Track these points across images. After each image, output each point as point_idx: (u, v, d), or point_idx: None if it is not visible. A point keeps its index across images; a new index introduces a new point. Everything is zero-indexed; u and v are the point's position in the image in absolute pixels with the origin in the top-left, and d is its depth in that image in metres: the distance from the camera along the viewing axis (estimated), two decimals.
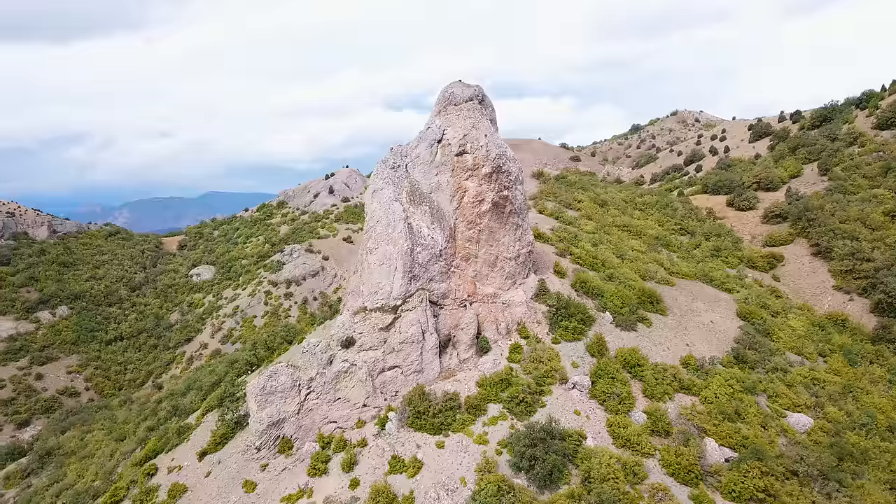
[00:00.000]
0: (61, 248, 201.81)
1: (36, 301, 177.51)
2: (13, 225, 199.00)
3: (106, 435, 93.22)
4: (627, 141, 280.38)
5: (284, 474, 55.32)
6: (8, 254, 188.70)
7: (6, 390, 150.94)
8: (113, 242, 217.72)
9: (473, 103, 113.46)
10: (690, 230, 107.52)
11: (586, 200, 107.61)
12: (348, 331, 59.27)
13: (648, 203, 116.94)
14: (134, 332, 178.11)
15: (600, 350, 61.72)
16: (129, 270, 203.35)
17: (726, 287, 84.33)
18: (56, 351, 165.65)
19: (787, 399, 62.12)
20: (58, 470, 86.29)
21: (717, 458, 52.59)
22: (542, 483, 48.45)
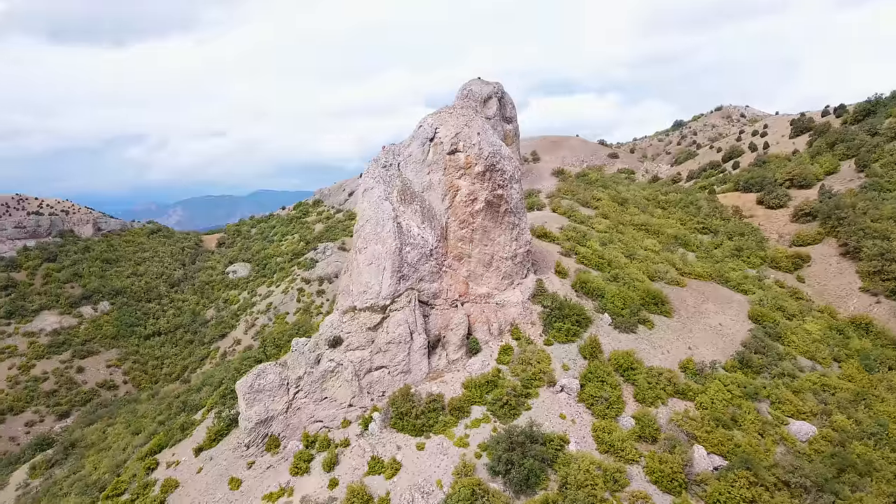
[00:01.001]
0: (105, 245, 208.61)
1: (79, 296, 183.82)
2: (60, 223, 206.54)
3: (125, 428, 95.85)
4: (668, 137, 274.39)
5: (269, 472, 55.71)
6: (55, 251, 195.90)
7: (49, 382, 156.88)
8: (154, 240, 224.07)
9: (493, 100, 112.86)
10: (713, 229, 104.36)
11: (605, 198, 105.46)
12: (336, 330, 59.35)
13: (671, 201, 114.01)
14: (171, 327, 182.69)
15: (593, 352, 60.29)
16: (169, 267, 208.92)
17: (742, 288, 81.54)
18: (97, 345, 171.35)
19: (791, 406, 59.63)
20: (78, 461, 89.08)
21: (706, 466, 50.75)
22: (518, 488, 47.54)
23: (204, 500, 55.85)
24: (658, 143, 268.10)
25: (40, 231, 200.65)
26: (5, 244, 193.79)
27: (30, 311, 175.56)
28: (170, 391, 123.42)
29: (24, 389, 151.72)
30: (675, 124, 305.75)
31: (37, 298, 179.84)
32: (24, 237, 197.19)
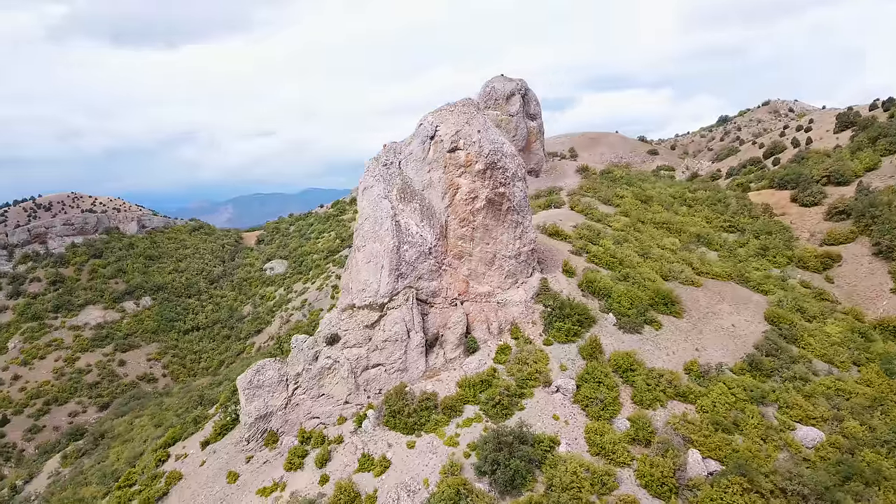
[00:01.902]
0: (148, 242, 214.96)
1: (122, 292, 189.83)
2: (107, 220, 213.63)
3: (149, 420, 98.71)
4: (711, 133, 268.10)
5: (265, 467, 56.66)
6: (101, 247, 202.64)
7: (92, 374, 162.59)
8: (196, 237, 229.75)
9: (516, 97, 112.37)
10: (741, 227, 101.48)
11: (628, 196, 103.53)
12: (334, 328, 59.91)
13: (699, 199, 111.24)
14: (209, 322, 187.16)
15: (593, 353, 59.36)
16: (209, 264, 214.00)
17: (762, 289, 79.09)
18: (138, 339, 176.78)
19: (800, 411, 57.58)
20: (104, 451, 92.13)
21: (699, 471, 49.45)
22: (503, 488, 47.21)
23: (203, 492, 57.17)
24: (700, 140, 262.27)
25: (87, 228, 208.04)
26: (55, 241, 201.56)
27: (76, 306, 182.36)
28: (198, 385, 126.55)
29: (68, 381, 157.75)
30: (719, 120, 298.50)
31: (83, 293, 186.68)
32: (72, 234, 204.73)
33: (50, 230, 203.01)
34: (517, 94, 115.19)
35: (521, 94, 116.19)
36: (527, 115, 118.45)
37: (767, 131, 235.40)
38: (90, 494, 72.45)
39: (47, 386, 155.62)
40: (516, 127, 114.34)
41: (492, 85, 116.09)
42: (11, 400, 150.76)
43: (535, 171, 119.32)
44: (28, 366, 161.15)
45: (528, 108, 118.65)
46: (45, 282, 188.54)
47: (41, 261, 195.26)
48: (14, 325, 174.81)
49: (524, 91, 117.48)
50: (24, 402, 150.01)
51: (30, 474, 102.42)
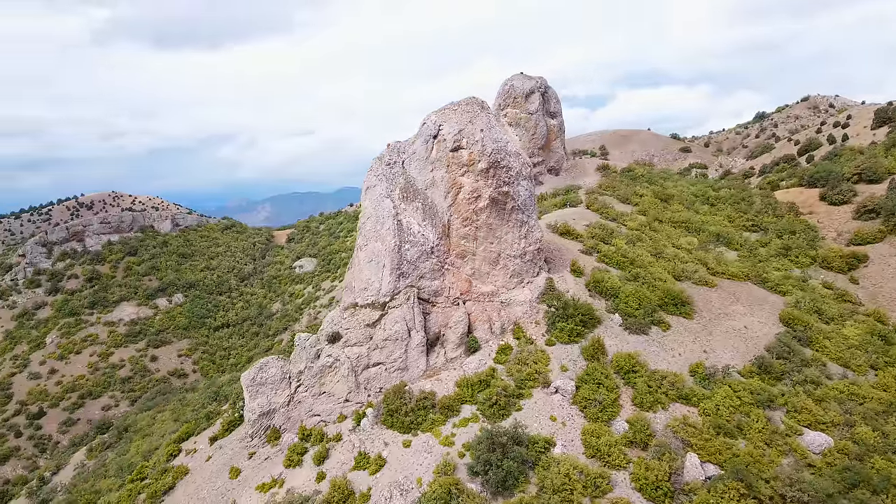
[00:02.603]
0: (182, 240, 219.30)
1: (155, 289, 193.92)
2: (142, 219, 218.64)
3: (170, 415, 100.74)
4: (746, 130, 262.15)
5: (266, 463, 57.40)
6: (136, 245, 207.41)
7: (125, 369, 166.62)
8: (228, 235, 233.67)
9: (536, 95, 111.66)
10: (764, 226, 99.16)
11: (648, 195, 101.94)
12: (336, 326, 60.36)
13: (722, 197, 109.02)
14: (239, 319, 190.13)
15: (595, 354, 58.63)
16: (240, 262, 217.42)
17: (780, 289, 77.19)
18: (170, 335, 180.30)
19: (809, 415, 55.98)
20: (126, 445, 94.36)
21: (697, 475, 48.49)
22: (495, 489, 47.00)
23: (206, 487, 58.20)
24: (735, 137, 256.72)
25: (123, 226, 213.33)
26: (92, 239, 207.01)
27: (111, 302, 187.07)
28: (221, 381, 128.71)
29: (102, 375, 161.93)
30: (756, 116, 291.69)
31: (117, 290, 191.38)
32: (108, 232, 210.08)
33: (87, 228, 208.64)
34: (537, 91, 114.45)
35: (541, 92, 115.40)
36: (547, 112, 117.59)
37: (805, 128, 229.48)
38: (106, 487, 74.38)
39: (82, 380, 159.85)
40: (536, 125, 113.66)
41: (511, 83, 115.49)
42: (48, 393, 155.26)
43: (556, 170, 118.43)
44: (64, 360, 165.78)
45: (547, 106, 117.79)
46: (82, 278, 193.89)
47: (79, 258, 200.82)
48: (52, 321, 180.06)
49: (544, 89, 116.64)
50: (60, 396, 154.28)
51: (57, 466, 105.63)
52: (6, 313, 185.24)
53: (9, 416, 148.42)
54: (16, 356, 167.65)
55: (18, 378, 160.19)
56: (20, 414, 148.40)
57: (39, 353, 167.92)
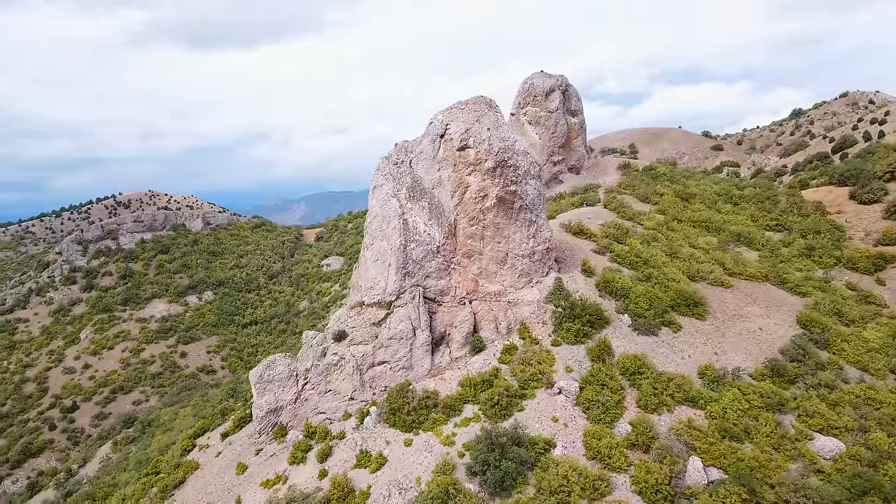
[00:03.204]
0: (212, 238, 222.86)
1: (186, 286, 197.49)
2: (174, 217, 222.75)
3: (192, 411, 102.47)
4: (781, 128, 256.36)
5: (272, 460, 58.09)
6: (168, 243, 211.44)
7: (156, 365, 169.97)
8: (258, 234, 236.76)
9: (556, 93, 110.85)
10: (788, 226, 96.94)
11: (669, 194, 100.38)
12: (342, 325, 60.78)
13: (746, 196, 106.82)
14: (267, 317, 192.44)
15: (601, 355, 57.97)
16: (269, 260, 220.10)
17: (800, 290, 75.40)
18: (199, 332, 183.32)
19: (821, 420, 54.58)
20: (148, 440, 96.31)
21: (699, 479, 47.65)
22: (493, 490, 46.86)
23: (214, 482, 59.13)
24: (769, 134, 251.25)
25: (156, 225, 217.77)
26: (126, 237, 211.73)
27: (143, 299, 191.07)
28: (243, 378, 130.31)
29: (133, 371, 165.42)
30: (792, 113, 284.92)
31: (149, 287, 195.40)
32: (141, 230, 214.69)
33: (121, 227, 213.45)
34: (557, 90, 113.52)
35: (562, 91, 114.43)
36: (567, 111, 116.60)
37: (842, 125, 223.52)
38: (124, 480, 76.12)
39: (114, 375, 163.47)
40: (556, 123, 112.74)
41: (531, 81, 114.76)
42: (81, 388, 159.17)
43: (577, 168, 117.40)
44: (97, 355, 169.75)
45: (568, 105, 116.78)
46: (115, 276, 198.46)
47: (113, 256, 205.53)
48: (86, 317, 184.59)
49: (564, 87, 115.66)
50: (93, 390, 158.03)
51: (84, 459, 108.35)
52: (43, 309, 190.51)
53: (44, 409, 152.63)
54: (51, 351, 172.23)
55: (54, 372, 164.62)
56: (55, 407, 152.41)
57: (74, 349, 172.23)
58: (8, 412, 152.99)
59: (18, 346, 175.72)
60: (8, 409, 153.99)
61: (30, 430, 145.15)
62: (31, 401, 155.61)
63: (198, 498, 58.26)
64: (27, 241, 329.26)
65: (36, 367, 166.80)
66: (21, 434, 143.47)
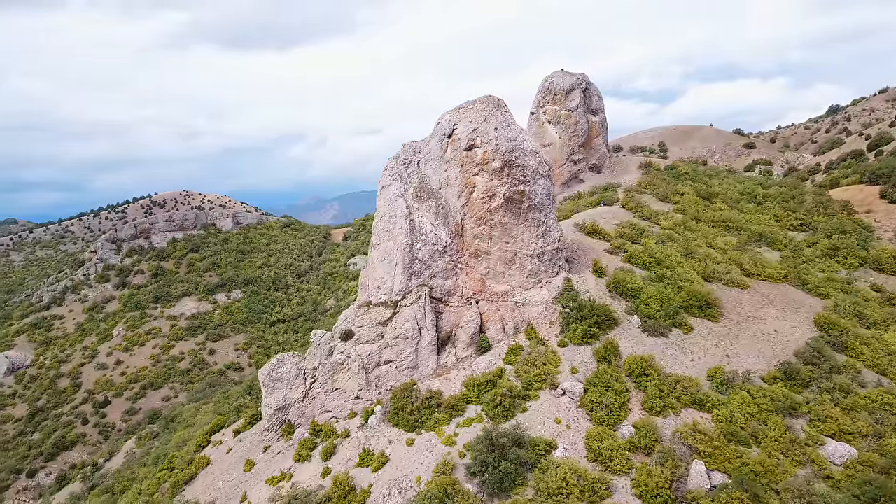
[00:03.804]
0: (242, 237, 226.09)
1: (215, 284, 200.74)
2: (204, 217, 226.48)
3: (213, 407, 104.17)
4: (816, 125, 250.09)
5: (278, 457, 58.70)
6: (198, 242, 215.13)
7: (185, 362, 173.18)
8: (287, 233, 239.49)
9: (576, 92, 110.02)
10: (813, 226, 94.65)
11: (690, 193, 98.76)
12: (349, 324, 61.16)
13: (770, 195, 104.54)
14: (294, 315, 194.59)
15: (607, 356, 57.35)
16: (297, 259, 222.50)
17: (821, 292, 73.57)
18: (227, 329, 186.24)
19: (834, 425, 53.22)
20: (170, 435, 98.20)
21: (701, 483, 46.85)
22: (492, 491, 46.73)
23: (223, 478, 60.02)
24: (804, 132, 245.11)
25: (187, 224, 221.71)
26: (158, 236, 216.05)
27: (173, 297, 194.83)
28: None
29: (163, 367, 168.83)
30: (829, 110, 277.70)
31: (180, 285, 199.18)
32: (173, 230, 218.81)
33: (153, 226, 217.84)
34: (577, 88, 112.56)
35: (582, 89, 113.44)
36: (588, 109, 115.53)
37: (880, 121, 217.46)
38: (143, 474, 77.71)
39: (145, 371, 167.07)
40: (576, 122, 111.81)
41: (551, 80, 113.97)
42: (113, 383, 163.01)
43: (598, 167, 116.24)
44: (129, 352, 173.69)
45: (589, 103, 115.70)
46: (147, 274, 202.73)
47: (145, 254, 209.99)
48: (119, 314, 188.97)
49: (585, 85, 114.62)
50: (124, 386, 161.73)
51: (110, 453, 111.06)
52: (78, 306, 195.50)
53: (77, 404, 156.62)
54: (85, 347, 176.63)
55: (87, 368, 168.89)
56: (87, 402, 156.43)
57: (107, 345, 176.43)
58: (43, 406, 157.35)
59: (54, 343, 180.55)
60: (43, 403, 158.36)
61: (63, 425, 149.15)
62: (65, 396, 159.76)
63: (206, 493, 59.20)
64: (66, 240, 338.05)
65: (70, 362, 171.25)
66: (55, 428, 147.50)
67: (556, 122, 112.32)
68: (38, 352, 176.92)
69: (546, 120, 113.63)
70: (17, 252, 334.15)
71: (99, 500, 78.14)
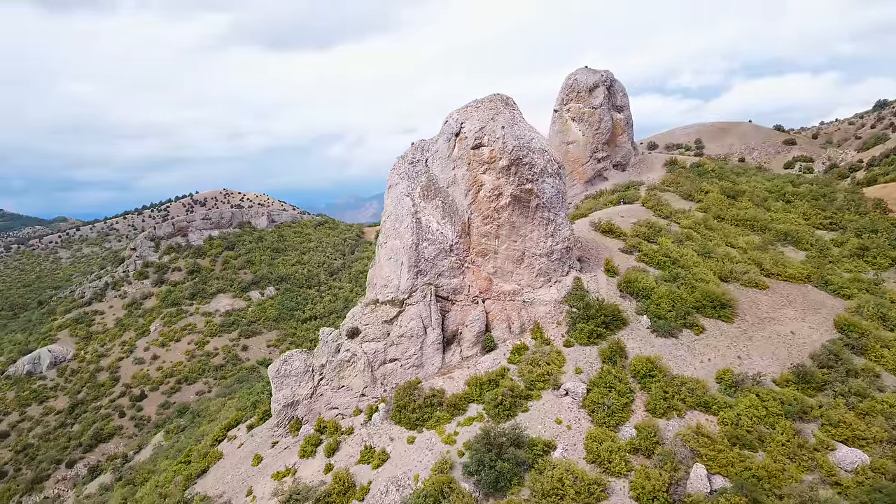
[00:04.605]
0: (276, 235, 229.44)
1: (249, 282, 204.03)
2: (240, 215, 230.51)
3: (236, 402, 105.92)
4: (862, 120, 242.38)
5: (285, 453, 59.54)
6: (234, 240, 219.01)
7: (218, 357, 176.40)
8: (321, 231, 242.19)
9: (600, 89, 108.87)
10: (843, 224, 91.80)
11: (714, 191, 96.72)
12: (356, 321, 61.64)
13: (800, 193, 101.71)
14: (326, 312, 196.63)
15: (613, 356, 56.61)
16: (330, 257, 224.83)
17: (845, 293, 71.36)
18: (260, 326, 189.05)
19: (847, 430, 51.58)
20: (195, 429, 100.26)
21: (701, 487, 45.94)
22: (488, 490, 46.65)
23: (232, 472, 61.15)
24: (848, 127, 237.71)
25: (223, 222, 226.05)
26: (195, 234, 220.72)
27: (208, 294, 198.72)
28: None
29: (198, 363, 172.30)
30: (876, 105, 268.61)
31: (215, 282, 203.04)
32: (209, 227, 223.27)
33: (191, 224, 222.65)
34: (601, 85, 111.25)
35: (606, 86, 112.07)
36: (613, 107, 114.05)
37: None
38: (163, 467, 79.57)
39: (180, 366, 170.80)
40: (600, 119, 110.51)
41: (574, 77, 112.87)
42: (150, 378, 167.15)
43: (622, 165, 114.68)
44: (165, 347, 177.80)
45: (613, 100, 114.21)
46: (184, 271, 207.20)
47: (182, 252, 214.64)
48: (156, 310, 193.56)
49: (609, 82, 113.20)
50: (160, 380, 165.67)
51: (139, 446, 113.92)
52: (118, 302, 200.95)
53: (115, 397, 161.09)
54: (124, 342, 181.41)
55: (125, 363, 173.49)
56: (124, 396, 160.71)
57: (144, 340, 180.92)
58: (83, 399, 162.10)
59: (94, 337, 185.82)
60: (83, 396, 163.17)
61: (101, 417, 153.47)
62: (104, 389, 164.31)
63: (216, 487, 60.39)
64: (111, 238, 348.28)
65: (109, 357, 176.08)
66: (94, 420, 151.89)
67: (579, 120, 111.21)
68: (80, 346, 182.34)
69: (569, 117, 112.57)
70: (65, 249, 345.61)
71: (121, 492, 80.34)
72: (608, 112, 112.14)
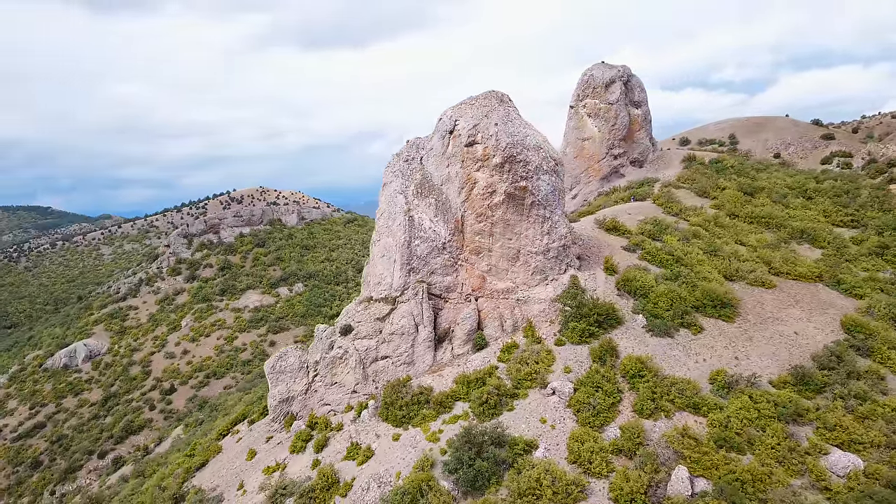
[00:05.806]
0: (306, 233, 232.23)
1: (278, 278, 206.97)
2: (271, 212, 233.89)
3: (251, 397, 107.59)
4: None
5: (278, 448, 60.27)
6: (264, 237, 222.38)
7: (246, 353, 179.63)
8: (349, 229, 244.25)
9: (617, 84, 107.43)
10: (864, 222, 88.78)
11: (731, 187, 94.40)
12: (350, 319, 62.00)
13: (823, 190, 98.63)
14: None
15: (603, 356, 55.80)
16: (359, 254, 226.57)
17: (857, 292, 69.11)
18: (288, 322, 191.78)
19: (843, 433, 49.93)
20: (210, 423, 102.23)
21: (682, 490, 44.99)
22: (466, 489, 46.55)
23: (227, 466, 62.20)
24: (892, 121, 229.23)
25: (254, 220, 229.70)
26: (226, 231, 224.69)
27: (238, 290, 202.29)
28: None
29: (226, 357, 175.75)
30: None
31: (245, 279, 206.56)
32: (240, 225, 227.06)
33: (222, 221, 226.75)
34: (618, 81, 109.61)
35: (623, 82, 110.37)
36: (630, 102, 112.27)
37: None
38: (174, 460, 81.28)
39: (209, 361, 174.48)
40: (616, 115, 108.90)
41: (590, 73, 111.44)
42: (180, 372, 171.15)
43: (640, 161, 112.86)
44: (195, 342, 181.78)
45: (631, 96, 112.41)
46: (215, 267, 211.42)
47: (214, 248, 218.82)
48: (188, 306, 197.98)
49: (626, 78, 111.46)
50: (190, 375, 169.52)
51: (160, 438, 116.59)
52: (151, 298, 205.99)
53: (146, 390, 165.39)
54: (156, 337, 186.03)
55: (157, 357, 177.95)
56: (155, 389, 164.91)
57: (175, 335, 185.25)
58: (116, 392, 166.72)
59: (128, 332, 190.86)
60: (116, 389, 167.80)
61: (132, 410, 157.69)
62: (136, 382, 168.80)
63: (211, 480, 61.45)
64: (151, 235, 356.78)
65: (142, 351, 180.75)
66: (125, 413, 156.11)
67: (595, 116, 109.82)
68: (114, 340, 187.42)
69: (585, 113, 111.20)
70: (107, 245, 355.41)
71: (132, 483, 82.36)
72: (625, 108, 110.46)
